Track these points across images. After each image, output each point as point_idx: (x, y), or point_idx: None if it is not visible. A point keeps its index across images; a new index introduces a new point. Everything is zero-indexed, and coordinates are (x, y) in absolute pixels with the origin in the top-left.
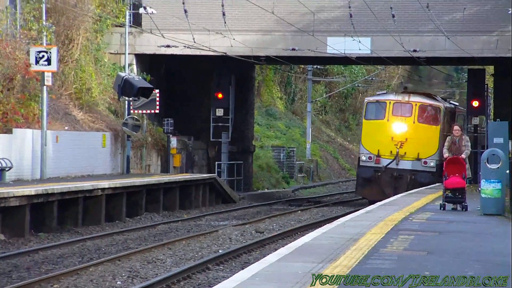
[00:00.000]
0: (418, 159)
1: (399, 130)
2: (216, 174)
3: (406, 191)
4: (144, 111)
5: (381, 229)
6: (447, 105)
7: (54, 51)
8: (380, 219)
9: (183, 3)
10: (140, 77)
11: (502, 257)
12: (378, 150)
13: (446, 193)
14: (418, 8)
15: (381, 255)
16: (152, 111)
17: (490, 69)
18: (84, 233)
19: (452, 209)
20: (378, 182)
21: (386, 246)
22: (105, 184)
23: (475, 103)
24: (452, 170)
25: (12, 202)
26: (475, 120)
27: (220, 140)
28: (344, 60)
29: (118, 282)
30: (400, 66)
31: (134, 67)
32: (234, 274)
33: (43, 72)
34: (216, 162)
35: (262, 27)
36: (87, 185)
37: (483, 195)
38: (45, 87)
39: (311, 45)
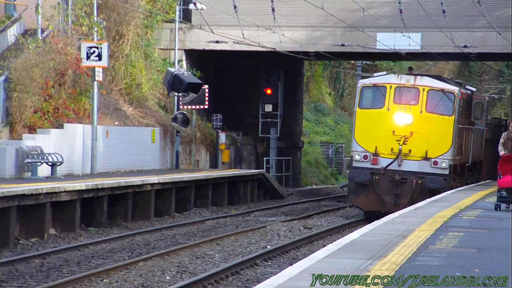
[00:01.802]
0: (427, 158)
1: (402, 121)
2: (264, 170)
3: (411, 199)
4: (193, 107)
5: (430, 226)
6: (463, 90)
7: (104, 46)
8: (429, 216)
9: None
10: (189, 73)
11: None
12: (376, 148)
13: (501, 192)
14: (469, 4)
15: (430, 252)
16: (201, 107)
17: None
18: (134, 228)
19: (506, 208)
20: (375, 188)
21: (435, 243)
22: (154, 179)
23: None
24: (508, 169)
25: (63, 197)
26: None
27: (268, 135)
28: (394, 56)
29: (167, 277)
30: (450, 62)
31: (184, 62)
32: (282, 270)
33: (93, 68)
34: (265, 158)
35: (312, 23)
36: (136, 180)
37: None
38: (95, 82)
39: (361, 40)
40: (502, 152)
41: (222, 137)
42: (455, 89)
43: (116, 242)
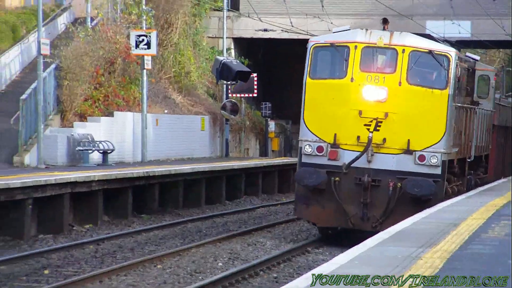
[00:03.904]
0: (409, 151)
1: (373, 97)
2: None
3: (386, 210)
4: (242, 95)
5: (482, 214)
6: (462, 56)
7: (153, 35)
8: (481, 205)
9: None
10: (238, 61)
11: None
12: (335, 136)
13: None
14: None
15: (482, 240)
16: (250, 95)
17: None
18: (185, 215)
19: None
20: (334, 195)
21: (487, 231)
22: (205, 167)
23: None
24: None
25: (115, 184)
26: None
27: None
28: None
29: (220, 264)
30: (501, 50)
31: (232, 51)
32: (333, 257)
33: (143, 56)
34: None
35: (360, 11)
36: (187, 168)
37: None
38: (145, 70)
39: (410, 28)
40: None
41: (272, 125)
42: (450, 50)
43: (168, 229)
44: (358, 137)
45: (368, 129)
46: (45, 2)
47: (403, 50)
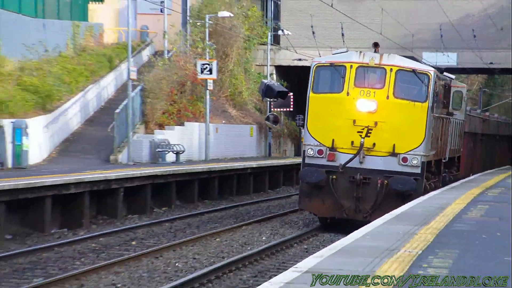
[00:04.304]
0: (394, 154)
1: (364, 109)
2: None
3: (375, 204)
4: (282, 109)
5: (463, 200)
6: (440, 75)
7: (214, 63)
8: (462, 194)
9: (312, 27)
10: (278, 83)
11: None
12: (333, 141)
13: None
14: (495, 30)
15: (463, 220)
16: (287, 109)
17: None
18: (237, 201)
19: None
20: (332, 190)
21: (467, 213)
22: (252, 164)
23: None
24: None
25: (185, 177)
26: None
27: None
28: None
29: (263, 237)
30: (479, 75)
31: (274, 75)
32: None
33: (206, 80)
34: None
35: (371, 44)
36: (238, 165)
37: None
38: (208, 91)
39: None
40: None
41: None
42: (430, 69)
43: (224, 212)
44: (352, 142)
45: (361, 135)
46: (133, 39)
47: (391, 69)
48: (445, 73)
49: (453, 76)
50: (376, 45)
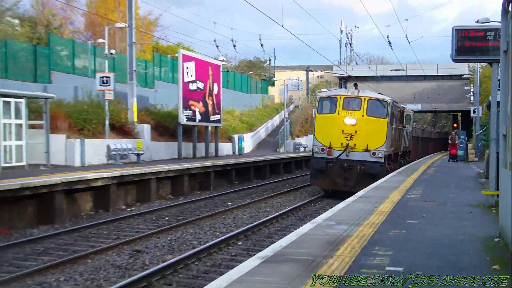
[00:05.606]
0: (367, 150)
1: (349, 123)
2: None
3: (356, 181)
4: None
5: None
6: (398, 105)
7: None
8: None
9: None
10: None
11: (467, 175)
12: (330, 142)
13: (450, 155)
14: (437, 95)
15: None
16: None
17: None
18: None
19: (451, 161)
20: (329, 173)
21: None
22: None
23: (455, 125)
24: (452, 147)
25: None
26: None
27: None
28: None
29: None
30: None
31: None
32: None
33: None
34: None
35: (395, 96)
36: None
37: (459, 154)
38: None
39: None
40: (450, 141)
41: None
42: (388, 98)
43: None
44: (342, 143)
45: (347, 139)
46: (282, 100)
47: (365, 98)
48: (400, 104)
49: (405, 106)
50: (356, 85)
